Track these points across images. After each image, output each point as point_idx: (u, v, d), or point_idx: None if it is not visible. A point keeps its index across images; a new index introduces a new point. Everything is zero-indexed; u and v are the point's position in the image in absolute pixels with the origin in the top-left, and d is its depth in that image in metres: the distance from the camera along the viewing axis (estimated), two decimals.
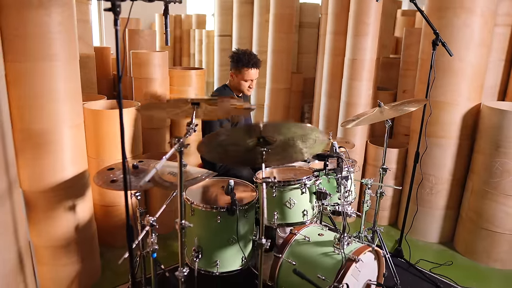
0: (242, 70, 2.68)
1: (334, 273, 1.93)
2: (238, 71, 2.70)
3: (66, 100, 2.16)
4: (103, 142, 2.70)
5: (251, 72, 2.68)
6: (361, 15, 3.15)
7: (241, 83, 2.72)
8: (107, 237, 2.86)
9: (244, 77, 2.69)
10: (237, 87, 2.76)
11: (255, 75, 2.72)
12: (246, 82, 2.72)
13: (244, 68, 2.66)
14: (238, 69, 2.69)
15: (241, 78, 2.70)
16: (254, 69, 2.68)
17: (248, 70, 2.67)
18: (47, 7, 1.99)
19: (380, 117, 2.42)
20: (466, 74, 2.85)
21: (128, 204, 1.46)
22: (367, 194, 2.44)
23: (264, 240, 1.61)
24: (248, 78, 2.70)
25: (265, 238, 2.17)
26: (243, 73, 2.68)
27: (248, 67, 2.66)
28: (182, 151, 1.56)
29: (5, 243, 1.63)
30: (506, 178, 2.73)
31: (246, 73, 2.68)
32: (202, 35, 5.54)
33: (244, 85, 2.73)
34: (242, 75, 2.69)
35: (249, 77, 2.70)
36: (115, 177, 2.05)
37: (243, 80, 2.71)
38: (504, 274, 2.84)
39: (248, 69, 2.67)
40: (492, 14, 2.83)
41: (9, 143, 1.68)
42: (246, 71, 2.67)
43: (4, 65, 1.91)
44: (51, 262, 2.30)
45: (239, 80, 2.72)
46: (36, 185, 2.15)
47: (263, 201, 1.52)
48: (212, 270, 2.10)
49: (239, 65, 2.67)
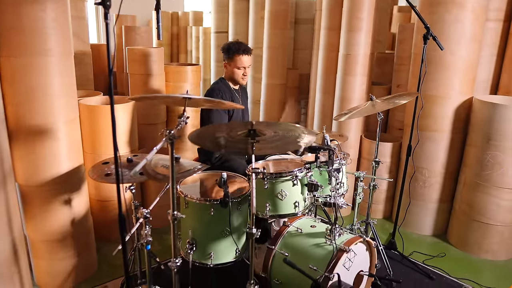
0: (234, 58, 2.71)
1: (325, 263, 1.96)
2: (230, 60, 2.74)
3: (61, 95, 2.19)
4: (98, 137, 2.73)
5: (242, 59, 2.71)
6: (354, 10, 3.18)
7: (234, 72, 2.75)
8: (103, 231, 2.89)
9: (236, 64, 2.72)
10: (232, 76, 2.80)
11: (247, 62, 2.74)
12: (239, 70, 2.74)
13: (235, 55, 2.70)
14: (230, 58, 2.73)
15: (234, 66, 2.74)
16: (245, 55, 2.71)
17: (240, 57, 2.70)
18: (42, 2, 2.02)
19: (372, 110, 2.45)
20: (457, 68, 2.88)
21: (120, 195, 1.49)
22: (359, 187, 2.48)
23: (255, 230, 1.64)
24: (241, 65, 2.72)
25: (259, 230, 2.21)
26: (235, 61, 2.72)
27: (239, 54, 2.70)
28: (173, 143, 1.59)
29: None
30: (497, 170, 2.76)
31: (238, 60, 2.71)
32: (199, 32, 5.56)
33: (237, 73, 2.75)
34: (235, 63, 2.72)
35: (241, 64, 2.72)
36: (110, 171, 2.08)
37: (236, 67, 2.73)
38: (495, 265, 2.88)
39: (239, 55, 2.70)
40: (483, 9, 2.86)
41: (2, 136, 1.71)
42: (237, 57, 2.70)
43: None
44: (47, 256, 2.33)
45: (232, 69, 2.76)
46: (32, 179, 2.18)
47: (252, 191, 1.55)
48: (206, 262, 2.13)
49: (230, 53, 2.72)
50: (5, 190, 1.68)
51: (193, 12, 6.47)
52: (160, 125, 3.38)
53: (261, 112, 4.48)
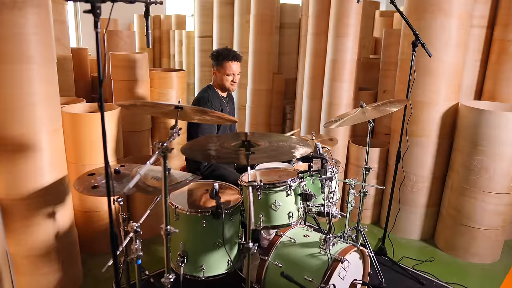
0: (223, 64, 2.67)
1: (320, 274, 1.93)
2: (220, 66, 2.69)
3: (44, 104, 2.09)
4: (82, 146, 2.63)
5: (232, 65, 2.67)
6: (342, 16, 3.18)
7: (223, 78, 2.70)
8: (88, 243, 2.79)
9: (226, 71, 2.67)
10: (220, 83, 2.74)
11: (237, 69, 2.70)
12: (229, 76, 2.69)
13: (225, 61, 2.65)
14: (219, 64, 2.68)
15: (224, 73, 2.69)
16: (235, 62, 2.67)
17: (229, 63, 2.66)
18: (22, 7, 1.92)
19: (363, 118, 2.44)
20: (444, 74, 2.91)
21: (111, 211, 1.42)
22: (351, 194, 2.46)
23: (251, 244, 1.60)
24: (230, 72, 2.68)
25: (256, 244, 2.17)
26: (224, 67, 2.67)
27: (229, 60, 2.65)
28: (166, 155, 1.53)
29: None
30: (484, 175, 2.81)
31: (227, 67, 2.66)
32: (182, 36, 5.48)
33: (227, 79, 2.70)
34: (224, 69, 2.68)
35: (230, 71, 2.67)
36: (97, 183, 2.00)
37: (226, 74, 2.68)
38: (481, 268, 2.92)
39: (228, 62, 2.65)
40: (468, 16, 2.91)
41: None
42: (227, 64, 2.65)
43: None
44: (30, 272, 2.22)
45: (221, 76, 2.71)
46: (13, 192, 2.07)
47: (250, 205, 1.50)
48: (198, 275, 2.08)
49: (219, 59, 2.67)
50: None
51: (175, 15, 6.37)
52: (145, 132, 3.30)
53: (247, 117, 4.44)
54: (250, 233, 1.64)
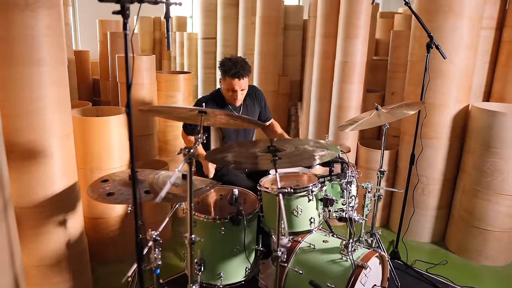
0: (225, 78, 2.46)
1: (344, 281, 1.89)
2: (223, 79, 2.51)
3: (55, 108, 2.02)
4: (91, 151, 2.57)
5: (232, 82, 2.43)
6: (351, 17, 3.15)
7: (225, 93, 2.53)
8: (97, 251, 2.72)
9: (227, 86, 2.48)
10: (225, 95, 2.57)
11: (238, 86, 2.45)
12: (230, 92, 2.49)
13: (226, 76, 2.44)
14: (222, 77, 2.50)
15: (225, 87, 2.50)
16: (236, 79, 2.42)
17: (230, 80, 2.43)
18: (34, 9, 1.86)
19: (378, 121, 2.41)
20: (455, 76, 2.89)
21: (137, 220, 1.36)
22: (367, 198, 2.43)
23: (280, 253, 1.55)
24: (230, 88, 2.46)
25: (262, 246, 2.12)
26: (226, 82, 2.47)
27: (229, 76, 2.42)
28: (192, 162, 1.48)
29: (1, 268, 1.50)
30: (498, 177, 2.79)
31: (228, 82, 2.45)
32: (183, 38, 5.41)
33: (227, 94, 2.52)
34: (226, 83, 2.48)
35: (230, 87, 2.46)
36: (112, 190, 1.93)
37: (226, 89, 2.49)
38: (495, 271, 2.90)
39: (229, 78, 2.43)
40: (479, 18, 2.89)
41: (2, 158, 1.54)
42: (228, 79, 2.44)
43: None
44: (41, 282, 2.15)
45: (224, 89, 2.53)
46: (23, 200, 2.00)
47: (282, 212, 1.45)
48: (215, 283, 2.03)
49: (221, 71, 2.48)
50: (6, 220, 1.52)
51: (176, 17, 6.31)
52: (152, 136, 3.23)
53: None
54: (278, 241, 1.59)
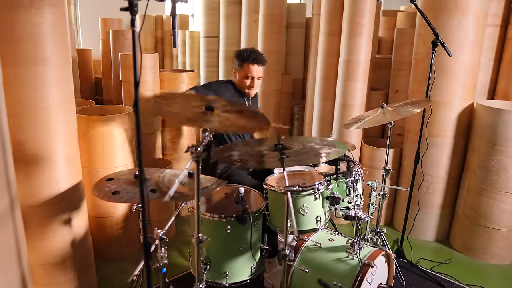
0: (243, 65, 2.56)
1: (351, 280, 1.88)
2: (240, 67, 2.58)
3: (60, 107, 2.01)
4: (95, 150, 2.56)
5: (251, 68, 2.54)
6: (355, 15, 3.13)
7: (242, 80, 2.61)
8: (101, 250, 2.71)
9: (244, 73, 2.56)
10: (239, 84, 2.65)
11: (256, 73, 2.57)
12: (247, 80, 2.58)
13: (245, 62, 2.54)
14: (240, 64, 2.58)
15: (242, 75, 2.58)
16: (255, 65, 2.54)
17: (249, 66, 2.54)
18: (39, 7, 1.85)
19: (384, 119, 2.39)
20: (460, 74, 2.88)
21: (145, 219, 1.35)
22: (372, 196, 2.42)
23: (288, 251, 1.54)
24: (249, 74, 2.56)
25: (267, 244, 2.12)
26: (244, 68, 2.56)
27: (249, 62, 2.53)
28: (200, 160, 1.47)
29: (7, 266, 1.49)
30: (503, 175, 2.78)
31: (246, 68, 2.55)
32: (185, 36, 5.40)
33: (244, 82, 2.60)
34: (243, 71, 2.56)
35: (249, 73, 2.55)
36: (117, 189, 1.92)
37: (244, 76, 2.58)
38: (501, 269, 2.89)
39: (248, 64, 2.53)
40: (484, 15, 2.88)
41: (9, 156, 1.54)
42: (246, 66, 2.54)
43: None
44: (46, 282, 2.15)
45: (240, 77, 2.61)
46: (28, 199, 1.99)
47: (290, 210, 1.44)
48: (221, 282, 2.02)
49: (239, 59, 2.57)
50: (13, 219, 1.51)
51: (178, 15, 6.29)
52: (156, 134, 3.22)
53: None
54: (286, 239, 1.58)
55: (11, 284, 1.50)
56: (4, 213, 1.43)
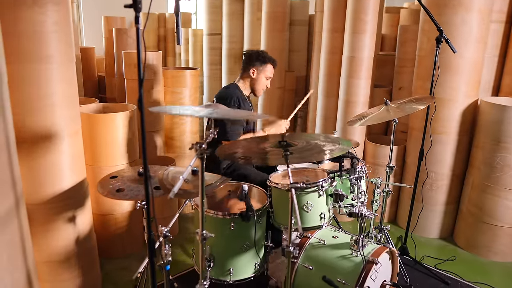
0: (267, 66, 2.69)
1: (355, 277, 1.88)
2: (262, 67, 2.69)
3: (64, 105, 2.02)
4: (99, 147, 2.57)
5: (272, 69, 2.74)
6: (359, 12, 3.12)
7: (261, 80, 2.72)
8: (105, 247, 2.72)
9: (266, 73, 2.71)
10: (254, 85, 2.73)
11: (273, 73, 2.76)
12: (267, 80, 2.73)
13: (269, 63, 2.69)
14: (262, 65, 2.69)
15: (264, 75, 2.71)
16: (274, 67, 2.75)
17: (272, 67, 2.72)
18: (42, 5, 1.85)
19: (387, 116, 2.39)
20: (464, 70, 2.87)
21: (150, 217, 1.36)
22: (376, 194, 2.41)
23: (292, 248, 1.54)
24: (270, 75, 2.73)
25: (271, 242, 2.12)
26: (267, 69, 2.70)
27: (271, 63, 2.71)
28: (204, 157, 1.47)
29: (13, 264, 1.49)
30: (507, 172, 2.76)
31: (270, 69, 2.71)
32: (188, 34, 5.39)
33: (263, 83, 2.73)
34: (266, 71, 2.70)
35: (270, 74, 2.72)
36: (121, 186, 1.93)
37: (266, 76, 2.71)
38: (505, 267, 2.88)
39: (271, 66, 2.72)
40: (489, 11, 2.86)
41: (13, 154, 1.54)
42: (270, 67, 2.71)
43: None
44: (50, 279, 2.16)
45: (260, 77, 2.71)
46: (33, 197, 2.00)
47: (294, 207, 1.44)
48: (225, 279, 2.02)
49: (264, 60, 2.69)
50: (18, 217, 1.51)
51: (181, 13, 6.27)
52: (160, 132, 3.23)
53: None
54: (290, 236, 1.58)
55: (17, 282, 1.50)
56: (10, 211, 1.44)
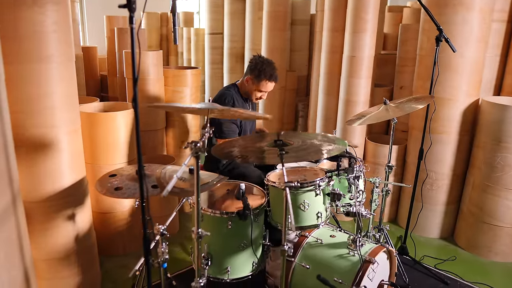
0: (261, 81, 2.59)
1: (351, 276, 1.88)
2: (257, 81, 2.60)
3: (63, 104, 2.04)
4: (99, 146, 2.58)
5: (268, 85, 2.62)
6: (359, 11, 3.11)
7: (253, 92, 2.65)
8: (104, 245, 2.74)
9: (260, 88, 2.61)
10: (248, 92, 2.69)
11: (270, 88, 2.66)
12: (259, 93, 2.65)
13: (264, 79, 2.58)
14: (257, 79, 2.59)
15: (257, 88, 2.62)
16: (272, 82, 2.62)
17: (267, 83, 2.60)
18: (42, 5, 1.86)
19: (387, 115, 2.38)
20: (465, 70, 2.85)
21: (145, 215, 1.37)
22: (375, 193, 2.41)
23: (287, 247, 1.54)
24: (263, 90, 2.63)
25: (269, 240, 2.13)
26: (261, 84, 2.60)
27: (267, 79, 2.59)
28: (199, 156, 1.48)
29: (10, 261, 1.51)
30: (508, 172, 2.75)
31: (264, 85, 2.61)
32: (190, 33, 5.41)
33: (256, 94, 2.66)
34: (259, 85, 2.61)
35: (265, 89, 2.63)
36: (119, 184, 1.94)
37: (258, 90, 2.63)
38: (506, 267, 2.87)
39: (266, 81, 2.59)
40: (490, 10, 2.84)
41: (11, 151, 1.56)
42: (264, 82, 2.59)
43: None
44: (50, 276, 2.17)
45: (253, 89, 2.64)
46: (32, 195, 2.02)
47: (289, 207, 1.45)
48: (222, 277, 2.03)
49: (255, 72, 2.58)
50: (15, 214, 1.53)
51: (183, 13, 6.31)
52: (160, 131, 3.24)
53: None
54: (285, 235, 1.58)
55: (14, 279, 1.52)
56: (7, 208, 1.46)
